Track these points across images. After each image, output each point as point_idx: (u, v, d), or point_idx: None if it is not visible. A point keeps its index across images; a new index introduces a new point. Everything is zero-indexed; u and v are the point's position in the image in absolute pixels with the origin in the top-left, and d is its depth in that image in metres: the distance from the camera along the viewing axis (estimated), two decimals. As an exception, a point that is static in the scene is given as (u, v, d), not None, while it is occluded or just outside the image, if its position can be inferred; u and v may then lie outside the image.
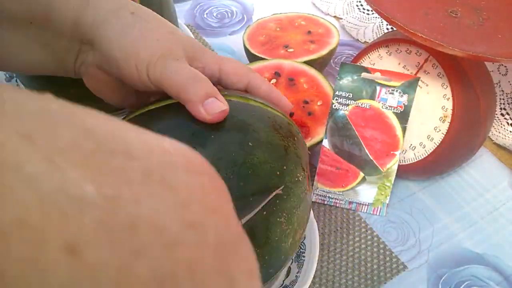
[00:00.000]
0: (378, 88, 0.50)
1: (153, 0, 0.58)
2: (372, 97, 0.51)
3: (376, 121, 0.51)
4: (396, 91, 0.50)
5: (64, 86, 0.53)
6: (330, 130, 0.51)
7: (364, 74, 0.51)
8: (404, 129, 0.50)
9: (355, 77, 0.51)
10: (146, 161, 0.14)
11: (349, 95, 0.51)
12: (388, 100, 0.50)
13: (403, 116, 0.50)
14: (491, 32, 0.47)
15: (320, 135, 0.53)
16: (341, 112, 0.51)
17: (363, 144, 0.51)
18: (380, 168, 0.51)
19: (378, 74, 0.51)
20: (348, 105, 0.51)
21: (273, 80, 0.59)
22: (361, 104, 0.51)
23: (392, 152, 0.51)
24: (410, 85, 0.50)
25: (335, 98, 0.51)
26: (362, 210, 0.53)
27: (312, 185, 0.53)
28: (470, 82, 0.49)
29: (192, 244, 0.14)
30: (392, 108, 0.50)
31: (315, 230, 0.48)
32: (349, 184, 0.52)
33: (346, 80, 0.51)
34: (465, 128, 0.50)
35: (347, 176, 0.52)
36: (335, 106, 0.51)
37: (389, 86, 0.50)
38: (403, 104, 0.50)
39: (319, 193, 0.53)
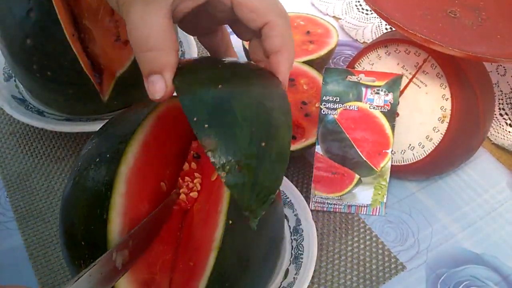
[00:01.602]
0: (363, 89, 0.51)
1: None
2: (358, 99, 0.51)
3: (365, 122, 0.51)
4: (381, 90, 0.50)
5: (63, 86, 0.53)
6: (321, 135, 0.52)
7: (349, 77, 0.51)
8: (393, 127, 0.51)
9: (340, 81, 0.51)
10: None
11: (336, 99, 0.51)
12: (375, 100, 0.51)
13: (391, 114, 0.51)
14: (490, 33, 0.47)
15: (315, 137, 0.53)
16: (330, 117, 0.51)
17: (355, 145, 0.51)
18: (374, 168, 0.51)
19: (362, 76, 0.51)
20: (336, 109, 0.51)
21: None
22: (349, 107, 0.51)
23: (384, 150, 0.51)
24: (394, 83, 0.50)
25: (323, 103, 0.51)
26: (362, 212, 0.53)
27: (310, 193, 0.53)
28: (469, 82, 0.49)
29: None
30: (379, 107, 0.51)
31: (313, 232, 0.48)
32: (346, 187, 0.52)
33: (332, 85, 0.51)
34: (463, 129, 0.50)
35: (343, 180, 0.52)
36: (323, 111, 0.51)
37: (374, 86, 0.50)
38: (389, 102, 0.50)
39: (317, 200, 0.53)
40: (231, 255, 0.34)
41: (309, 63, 0.62)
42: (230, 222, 0.34)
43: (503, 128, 0.61)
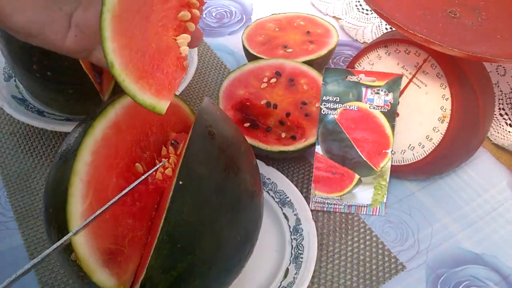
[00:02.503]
0: (363, 89, 0.51)
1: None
2: (359, 99, 0.51)
3: (365, 122, 0.51)
4: (381, 90, 0.50)
5: (63, 86, 0.53)
6: (321, 135, 0.52)
7: (349, 77, 0.51)
8: (393, 127, 0.51)
9: (340, 81, 0.51)
10: None
11: (336, 99, 0.51)
12: (375, 100, 0.51)
13: (391, 114, 0.51)
14: (490, 33, 0.47)
15: (315, 137, 0.53)
16: (330, 117, 0.51)
17: (355, 145, 0.51)
18: (374, 168, 0.51)
19: (362, 76, 0.51)
20: (336, 109, 0.51)
21: (273, 79, 0.59)
22: (349, 107, 0.51)
23: (384, 150, 0.51)
24: (394, 83, 0.50)
25: (323, 103, 0.51)
26: (362, 212, 0.53)
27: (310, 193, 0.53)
28: (469, 82, 0.49)
29: None
30: (379, 107, 0.51)
31: (313, 231, 0.48)
32: (346, 187, 0.52)
33: (332, 85, 0.51)
34: (464, 129, 0.50)
35: (343, 180, 0.52)
36: (323, 111, 0.51)
37: (374, 86, 0.51)
38: (389, 102, 0.50)
39: (317, 200, 0.53)
40: (182, 216, 0.33)
41: (309, 63, 0.62)
42: (180, 182, 0.33)
43: (503, 128, 0.61)
